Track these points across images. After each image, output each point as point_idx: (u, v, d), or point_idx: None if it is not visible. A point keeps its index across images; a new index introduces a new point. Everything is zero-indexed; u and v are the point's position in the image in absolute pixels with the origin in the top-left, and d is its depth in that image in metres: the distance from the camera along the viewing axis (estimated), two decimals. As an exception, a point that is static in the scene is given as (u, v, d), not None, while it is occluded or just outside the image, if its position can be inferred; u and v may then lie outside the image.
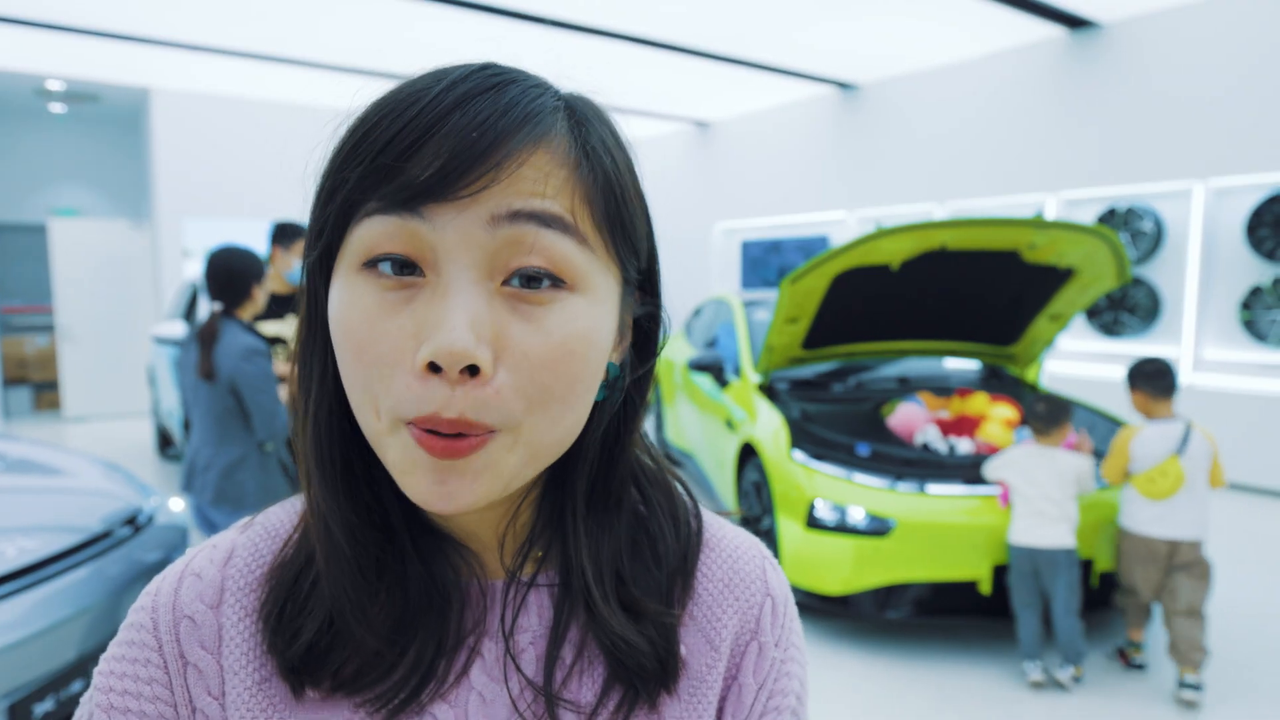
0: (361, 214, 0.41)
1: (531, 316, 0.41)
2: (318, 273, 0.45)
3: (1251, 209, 5.54)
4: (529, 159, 0.40)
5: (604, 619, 0.49)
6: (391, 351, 0.40)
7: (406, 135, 0.39)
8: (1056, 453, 3.01)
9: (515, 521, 0.50)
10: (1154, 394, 3.00)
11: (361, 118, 0.42)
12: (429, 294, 0.40)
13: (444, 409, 0.39)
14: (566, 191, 0.42)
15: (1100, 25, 6.21)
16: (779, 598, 0.57)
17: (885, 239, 3.39)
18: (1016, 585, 2.96)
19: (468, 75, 0.42)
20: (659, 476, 0.57)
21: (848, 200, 8.27)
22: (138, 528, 2.24)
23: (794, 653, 0.57)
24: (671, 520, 0.55)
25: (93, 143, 9.91)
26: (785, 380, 4.24)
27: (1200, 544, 2.89)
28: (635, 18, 6.11)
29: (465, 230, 0.40)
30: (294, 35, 6.70)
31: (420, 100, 0.40)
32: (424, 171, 0.39)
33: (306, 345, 0.47)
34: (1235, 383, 5.71)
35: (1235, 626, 3.38)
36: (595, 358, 0.44)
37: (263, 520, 0.54)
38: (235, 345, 2.49)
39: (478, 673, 0.50)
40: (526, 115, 0.41)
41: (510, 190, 0.40)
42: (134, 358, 8.75)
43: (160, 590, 0.50)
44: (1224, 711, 2.77)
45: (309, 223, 0.45)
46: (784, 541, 3.36)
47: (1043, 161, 6.63)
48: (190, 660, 0.49)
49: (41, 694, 1.71)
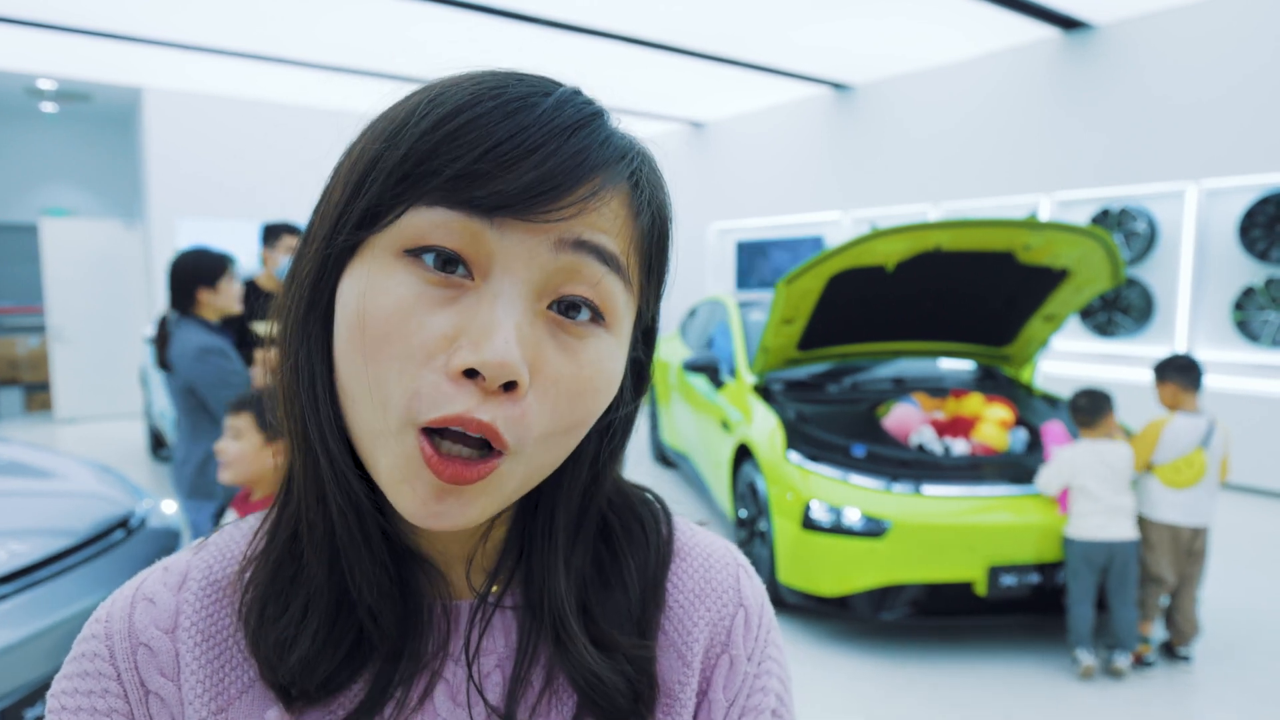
0: (425, 202, 0.39)
1: (567, 346, 0.41)
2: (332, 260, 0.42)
3: (1244, 210, 5.56)
4: (611, 197, 0.41)
5: (572, 652, 0.47)
6: (423, 347, 0.38)
7: (514, 144, 0.38)
8: (1108, 445, 3.05)
9: (487, 540, 0.49)
10: (1185, 386, 3.12)
11: (453, 107, 0.40)
12: (475, 299, 0.39)
13: (476, 410, 0.38)
14: (626, 235, 0.43)
15: (1094, 26, 6.23)
16: (753, 607, 0.54)
17: (880, 240, 3.39)
18: (1079, 579, 2.99)
19: (570, 98, 0.42)
20: (626, 504, 0.55)
21: (843, 201, 8.28)
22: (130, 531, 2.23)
23: (770, 666, 0.54)
24: (642, 546, 0.53)
25: (84, 142, 9.86)
26: (780, 381, 4.24)
27: (1209, 530, 3.10)
28: (631, 18, 6.11)
29: (532, 248, 0.39)
30: (288, 35, 6.68)
31: (530, 111, 0.39)
32: (519, 183, 0.38)
33: (305, 321, 0.43)
34: (1228, 383, 5.73)
35: (1231, 625, 3.39)
36: (610, 394, 0.44)
37: (216, 541, 0.52)
38: (189, 345, 2.52)
39: (442, 697, 0.48)
40: (619, 154, 0.42)
41: (584, 222, 0.40)
42: (126, 359, 8.70)
43: (112, 616, 0.48)
44: (1223, 712, 2.78)
45: (348, 198, 0.41)
46: (779, 543, 3.36)
47: (1037, 162, 6.65)
48: (152, 689, 0.47)
49: (33, 699, 1.70)
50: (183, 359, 2.50)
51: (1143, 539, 3.08)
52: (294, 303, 0.44)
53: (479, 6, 5.75)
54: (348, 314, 0.40)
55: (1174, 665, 3.08)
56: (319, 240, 0.43)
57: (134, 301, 8.92)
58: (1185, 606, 3.08)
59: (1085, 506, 2.99)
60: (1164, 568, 3.05)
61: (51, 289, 8.46)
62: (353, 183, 0.41)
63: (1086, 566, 2.97)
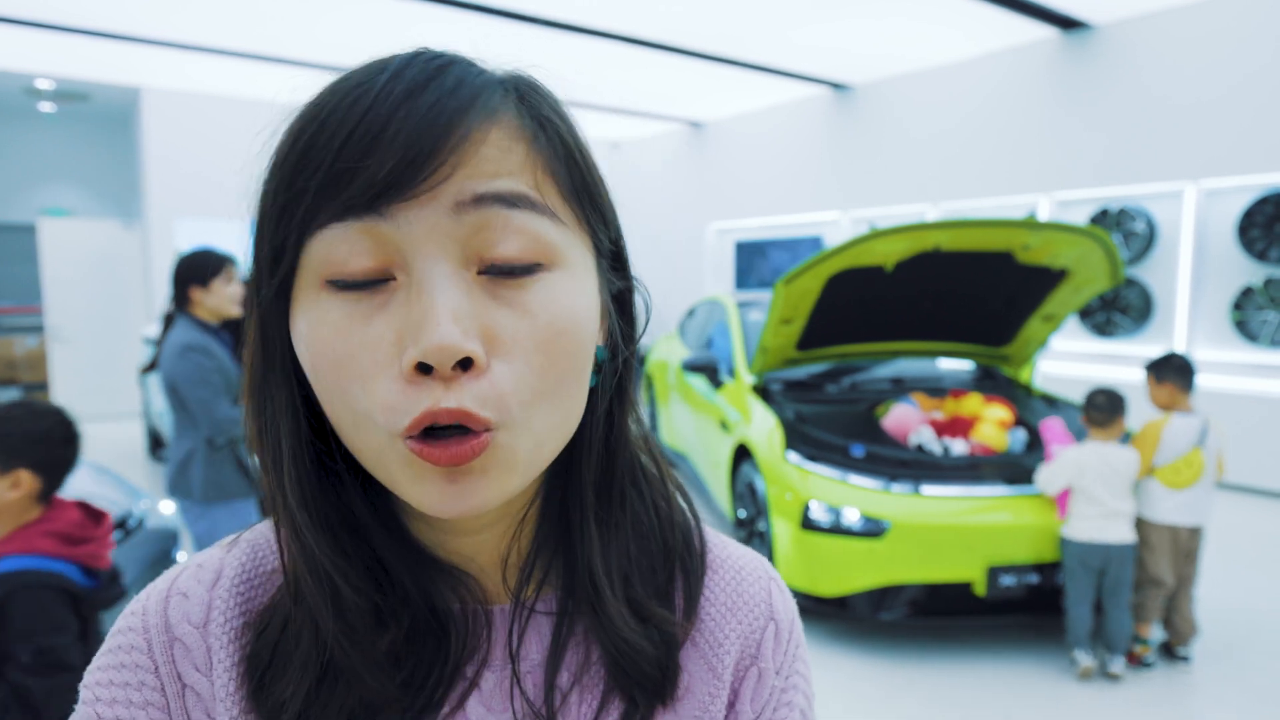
0: (315, 226, 0.38)
1: (514, 301, 0.39)
2: (273, 301, 0.42)
3: (1243, 210, 5.56)
4: (486, 138, 0.39)
5: (610, 620, 0.47)
6: (372, 362, 0.38)
7: (361, 132, 0.37)
8: (1115, 449, 3.04)
9: (520, 537, 0.49)
10: (1183, 387, 3.12)
11: (303, 122, 0.39)
12: (403, 295, 0.38)
13: (440, 401, 0.37)
14: (528, 167, 0.40)
15: (1093, 26, 6.23)
16: (783, 622, 0.55)
17: (879, 240, 3.39)
18: (1076, 580, 2.99)
19: (409, 62, 0.39)
20: (658, 479, 0.54)
21: (842, 201, 8.28)
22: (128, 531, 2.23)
23: (797, 680, 0.55)
24: (670, 526, 0.53)
25: (83, 142, 9.85)
26: (779, 381, 4.24)
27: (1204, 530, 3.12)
28: (631, 18, 6.11)
29: (431, 222, 0.38)
30: (287, 35, 6.67)
31: (367, 94, 0.38)
32: (384, 167, 0.37)
33: (264, 383, 0.43)
34: (1227, 383, 5.73)
35: (1230, 626, 3.39)
36: (585, 334, 0.42)
37: (249, 539, 0.52)
38: (173, 343, 2.53)
39: (475, 704, 0.47)
40: (474, 94, 0.39)
41: (472, 174, 0.38)
42: (125, 359, 8.69)
43: (148, 610, 0.48)
44: (1222, 712, 2.78)
45: (257, 248, 0.41)
46: (778, 543, 3.36)
47: (1036, 162, 6.65)
48: (188, 683, 0.47)
49: (29, 700, 1.69)
50: (167, 357, 2.52)
51: (1142, 541, 3.07)
52: (249, 367, 0.44)
53: (479, 6, 5.75)
54: (303, 356, 0.41)
55: (1173, 665, 3.08)
56: (253, 298, 0.43)
57: (132, 301, 8.91)
58: (1183, 607, 3.08)
59: (1085, 509, 2.98)
60: (1163, 570, 3.04)
61: (50, 289, 8.45)
62: (256, 232, 0.41)
63: (1083, 568, 2.97)
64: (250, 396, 0.44)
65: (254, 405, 0.44)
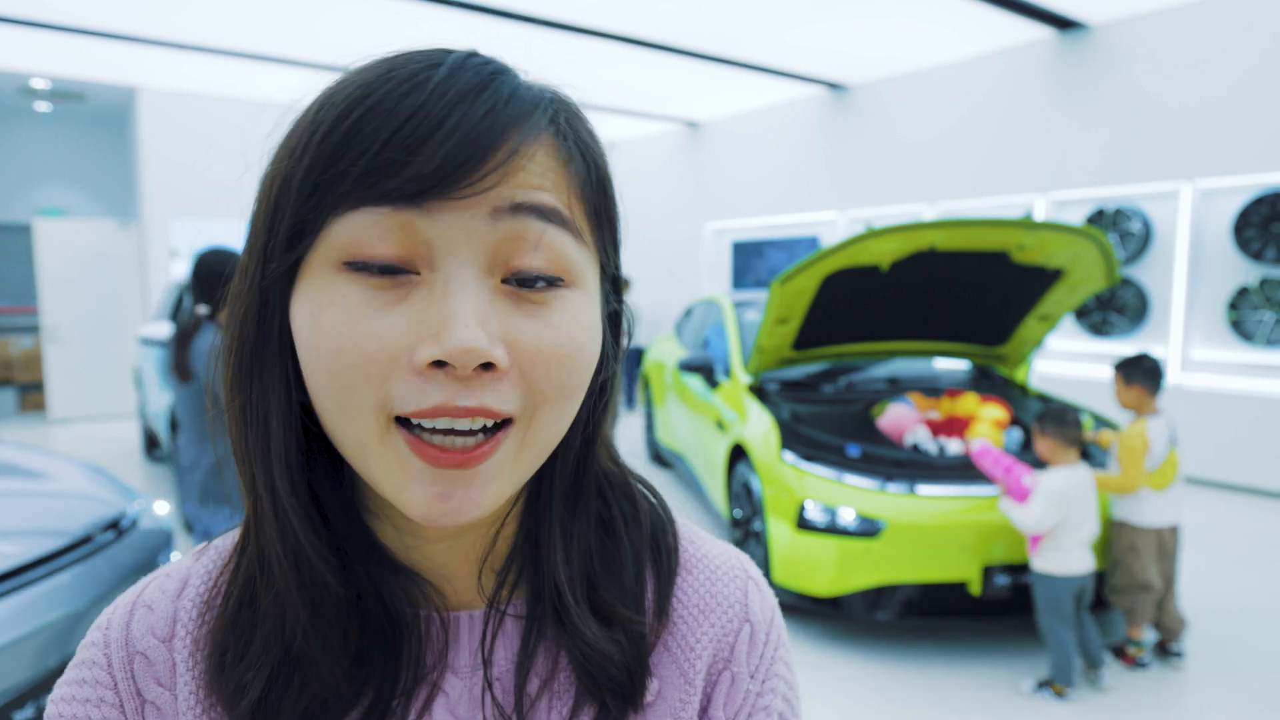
0: (345, 208, 0.38)
1: (536, 314, 0.40)
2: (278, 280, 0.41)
3: (1238, 210, 5.57)
4: (533, 153, 0.39)
5: (576, 627, 0.46)
6: (382, 351, 0.37)
7: (413, 125, 0.37)
8: (1082, 470, 2.92)
9: (497, 543, 0.48)
10: (1151, 390, 3.12)
11: (348, 104, 0.38)
12: (426, 291, 0.38)
13: (456, 398, 0.37)
14: (563, 186, 0.41)
15: (1089, 27, 6.24)
16: (759, 623, 0.52)
17: (875, 240, 3.39)
18: (1063, 616, 2.84)
19: (463, 63, 0.39)
20: (621, 480, 0.54)
21: (838, 201, 8.29)
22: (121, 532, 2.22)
23: (775, 684, 0.52)
24: (635, 526, 0.52)
25: (79, 142, 9.83)
26: (775, 381, 4.24)
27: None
28: (628, 18, 6.11)
29: (468, 224, 0.38)
30: (285, 34, 6.66)
31: (420, 88, 0.38)
32: (433, 164, 0.37)
33: (255, 358, 0.42)
34: (1222, 383, 5.74)
35: (1226, 625, 3.40)
36: (595, 350, 0.43)
37: (217, 546, 0.51)
38: (209, 346, 2.47)
39: (441, 711, 0.47)
40: (528, 109, 0.40)
41: (514, 183, 0.39)
42: (120, 359, 8.68)
43: (111, 624, 0.48)
44: (1219, 711, 2.79)
45: (273, 223, 0.40)
46: (774, 543, 3.36)
47: (1032, 162, 6.66)
48: (148, 698, 0.46)
49: (21, 701, 1.69)
50: (203, 360, 2.46)
51: (1129, 546, 3.05)
52: (237, 342, 0.43)
53: (478, 6, 5.75)
54: (303, 337, 0.39)
55: (1168, 664, 3.08)
56: (253, 273, 0.41)
57: (128, 302, 8.89)
58: (1169, 605, 3.09)
59: (1065, 538, 2.83)
60: (1152, 574, 3.01)
61: (45, 289, 8.43)
62: (271, 208, 0.40)
63: (1067, 599, 2.84)
64: (236, 371, 0.43)
65: (240, 381, 0.43)
